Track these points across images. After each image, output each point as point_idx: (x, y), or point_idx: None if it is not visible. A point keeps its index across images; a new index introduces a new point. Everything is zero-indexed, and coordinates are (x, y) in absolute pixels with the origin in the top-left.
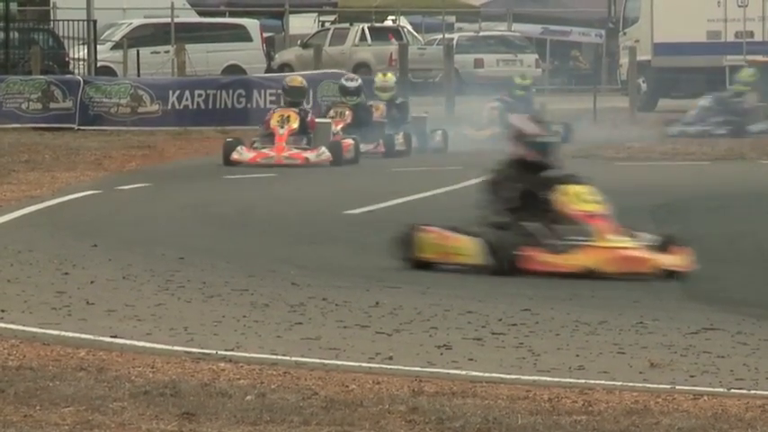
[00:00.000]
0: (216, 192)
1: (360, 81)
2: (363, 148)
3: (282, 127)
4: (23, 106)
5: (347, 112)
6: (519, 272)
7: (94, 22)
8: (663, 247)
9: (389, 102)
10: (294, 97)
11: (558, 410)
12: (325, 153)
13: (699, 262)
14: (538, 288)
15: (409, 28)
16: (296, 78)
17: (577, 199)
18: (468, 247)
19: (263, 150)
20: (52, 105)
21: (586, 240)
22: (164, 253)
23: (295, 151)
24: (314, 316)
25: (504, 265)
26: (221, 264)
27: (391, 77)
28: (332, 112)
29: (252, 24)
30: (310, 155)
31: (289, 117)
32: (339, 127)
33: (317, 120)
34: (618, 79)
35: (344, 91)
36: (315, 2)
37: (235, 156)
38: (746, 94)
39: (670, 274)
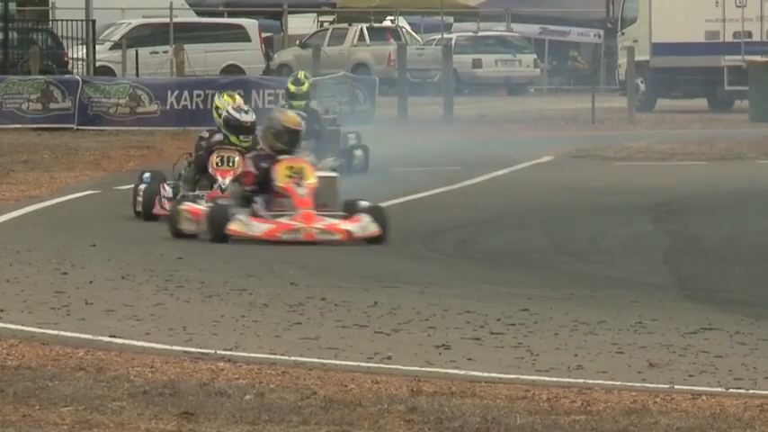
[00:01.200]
0: None
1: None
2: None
3: (300, 185)
4: (23, 106)
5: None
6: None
7: (93, 22)
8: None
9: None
10: (289, 144)
11: (557, 410)
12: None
13: (698, 262)
14: (536, 288)
15: (408, 28)
16: (294, 118)
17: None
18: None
19: (282, 219)
20: (52, 106)
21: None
22: (162, 253)
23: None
24: (313, 316)
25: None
26: (220, 264)
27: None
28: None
29: (250, 24)
30: (351, 226)
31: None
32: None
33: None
34: (616, 79)
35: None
36: (313, 2)
37: (234, 227)
38: None
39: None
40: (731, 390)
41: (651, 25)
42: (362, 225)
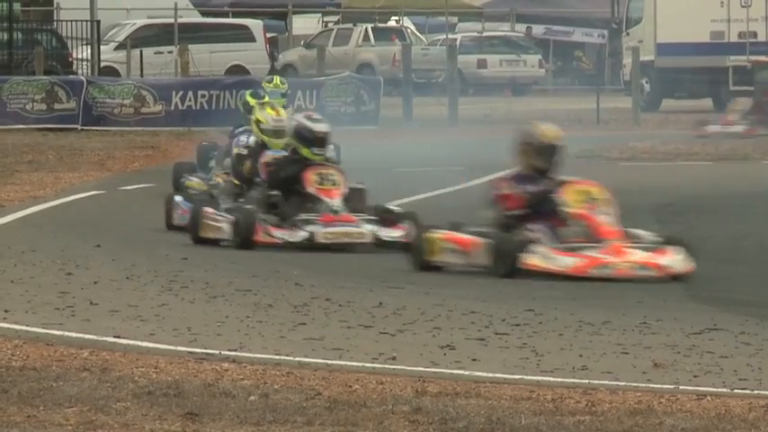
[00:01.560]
0: None
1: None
2: None
3: (600, 211)
4: (28, 107)
5: None
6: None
7: (98, 22)
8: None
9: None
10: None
11: (562, 411)
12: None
13: (703, 262)
14: (541, 289)
15: (412, 28)
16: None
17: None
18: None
19: (590, 252)
20: (56, 106)
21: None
22: (167, 253)
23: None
24: (317, 316)
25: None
26: (225, 264)
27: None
28: None
29: (255, 25)
30: (665, 260)
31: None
32: None
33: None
34: (621, 80)
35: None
36: (318, 2)
37: (533, 261)
38: None
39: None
40: (736, 390)
41: (656, 25)
42: (675, 259)
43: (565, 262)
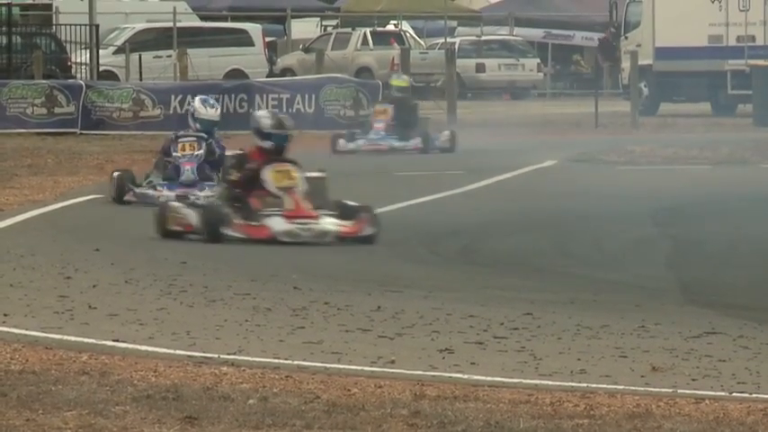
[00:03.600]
0: None
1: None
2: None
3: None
4: (28, 111)
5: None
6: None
7: (97, 26)
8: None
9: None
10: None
11: (560, 414)
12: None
13: (701, 266)
14: (539, 292)
15: (411, 32)
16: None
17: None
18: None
19: None
20: (56, 110)
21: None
22: (166, 257)
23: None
24: (316, 320)
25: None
26: (224, 268)
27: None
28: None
29: (254, 29)
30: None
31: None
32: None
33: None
34: (620, 83)
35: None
36: (317, 6)
37: None
38: None
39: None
40: (734, 394)
41: (654, 29)
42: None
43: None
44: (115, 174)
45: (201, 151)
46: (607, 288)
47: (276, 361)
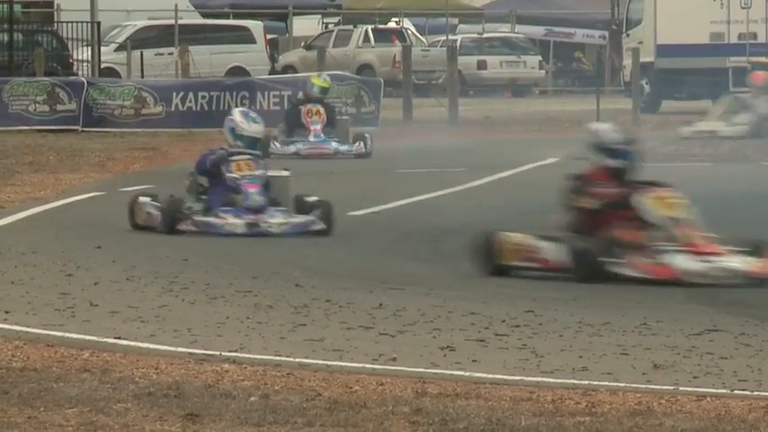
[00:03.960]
0: None
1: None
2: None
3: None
4: (30, 108)
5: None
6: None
7: (98, 23)
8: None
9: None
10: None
11: (562, 412)
12: None
13: None
14: (541, 290)
15: (413, 30)
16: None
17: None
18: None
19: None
20: (58, 107)
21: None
22: (167, 255)
23: None
24: (317, 317)
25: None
26: (225, 265)
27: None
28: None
29: (255, 26)
30: None
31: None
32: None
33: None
34: (621, 81)
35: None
36: (318, 4)
37: None
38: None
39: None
40: (736, 391)
41: (656, 27)
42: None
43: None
44: (147, 200)
45: (262, 171)
46: (608, 286)
47: (278, 358)
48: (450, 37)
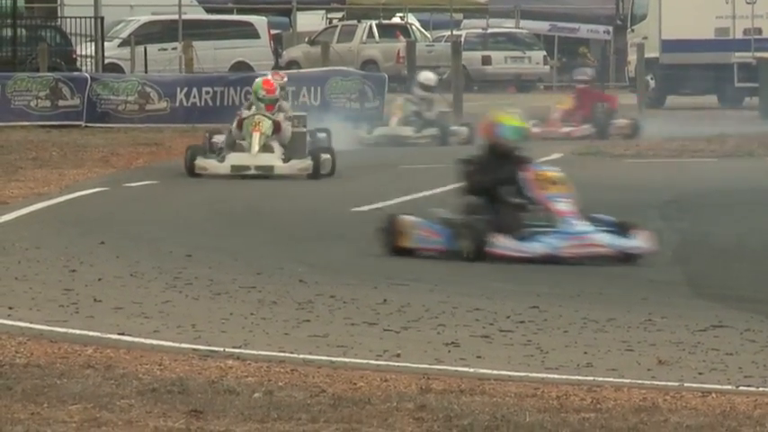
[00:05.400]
0: (223, 189)
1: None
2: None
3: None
4: (32, 104)
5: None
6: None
7: (102, 18)
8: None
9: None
10: None
11: (567, 408)
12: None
13: (708, 259)
14: (545, 286)
15: (417, 25)
16: None
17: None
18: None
19: None
20: (61, 103)
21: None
22: (171, 250)
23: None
24: (321, 313)
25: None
26: (229, 261)
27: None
28: None
29: (259, 21)
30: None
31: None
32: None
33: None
34: (626, 76)
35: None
36: None
37: None
38: None
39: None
40: (741, 387)
41: (661, 22)
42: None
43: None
44: None
45: None
46: (613, 281)
47: (282, 354)
48: (455, 32)
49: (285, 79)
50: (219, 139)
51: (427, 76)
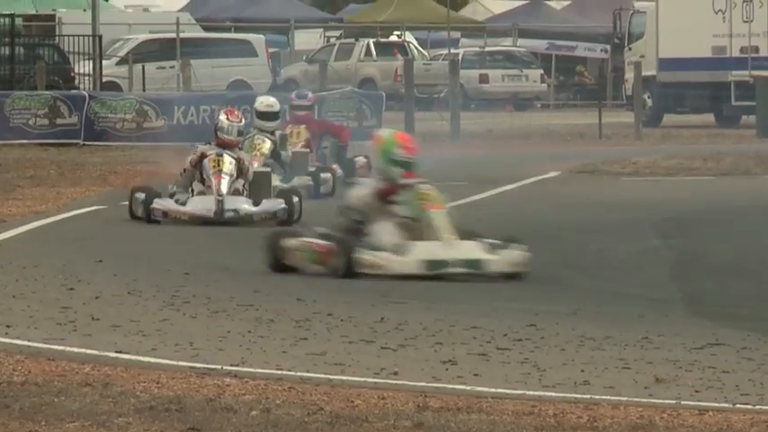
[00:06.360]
0: None
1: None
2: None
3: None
4: (30, 122)
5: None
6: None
7: (100, 37)
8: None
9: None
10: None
11: (564, 426)
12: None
13: (705, 277)
14: (543, 303)
15: (414, 43)
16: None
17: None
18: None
19: None
20: (59, 121)
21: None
22: (169, 268)
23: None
24: (319, 331)
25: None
26: (226, 279)
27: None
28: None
29: (257, 40)
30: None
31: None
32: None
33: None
34: (623, 94)
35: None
36: (320, 17)
37: None
38: None
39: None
40: (738, 405)
41: (658, 40)
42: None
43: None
44: None
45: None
46: (610, 299)
47: (279, 372)
48: (453, 51)
49: (242, 122)
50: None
51: (268, 102)
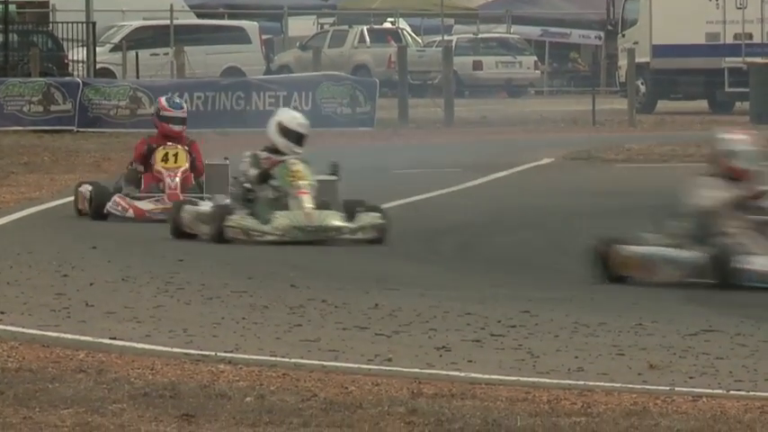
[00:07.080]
0: None
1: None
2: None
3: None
4: (24, 109)
5: None
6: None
7: (93, 24)
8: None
9: None
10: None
11: (558, 412)
12: None
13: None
14: (537, 290)
15: (408, 30)
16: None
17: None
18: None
19: None
20: (53, 108)
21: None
22: (163, 255)
23: None
24: (313, 318)
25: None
26: (220, 266)
27: None
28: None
29: (251, 26)
30: None
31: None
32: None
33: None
34: (617, 81)
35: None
36: (314, 4)
37: None
38: None
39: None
40: (732, 391)
41: (652, 27)
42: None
43: None
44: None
45: None
46: (604, 286)
47: (273, 359)
48: (446, 37)
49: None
50: None
51: (299, 120)
